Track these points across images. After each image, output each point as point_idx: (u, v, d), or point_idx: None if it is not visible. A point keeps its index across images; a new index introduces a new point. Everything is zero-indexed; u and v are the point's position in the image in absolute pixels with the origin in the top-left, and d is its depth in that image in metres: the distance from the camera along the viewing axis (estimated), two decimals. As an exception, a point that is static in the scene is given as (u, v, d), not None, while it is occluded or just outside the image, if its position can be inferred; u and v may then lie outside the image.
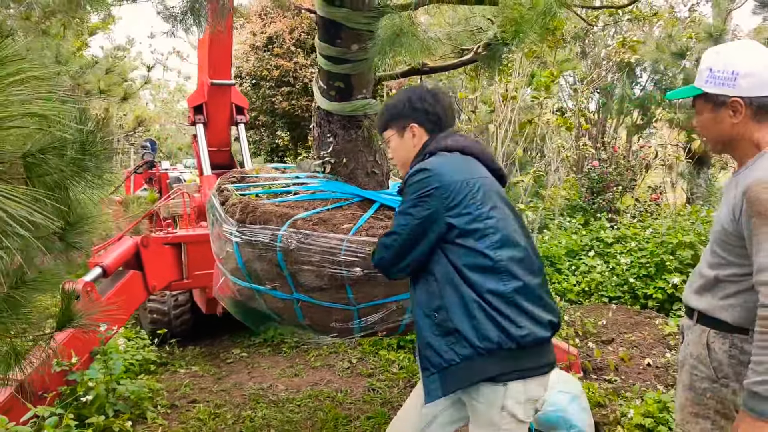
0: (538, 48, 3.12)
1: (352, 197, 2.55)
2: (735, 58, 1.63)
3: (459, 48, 2.68)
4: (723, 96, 1.63)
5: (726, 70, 1.62)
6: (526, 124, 5.61)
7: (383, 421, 3.28)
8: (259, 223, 2.28)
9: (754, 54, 1.63)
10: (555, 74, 5.62)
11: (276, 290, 2.34)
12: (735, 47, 1.68)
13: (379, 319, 2.34)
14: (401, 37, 2.07)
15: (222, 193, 2.58)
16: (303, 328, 2.52)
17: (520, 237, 1.78)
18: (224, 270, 2.53)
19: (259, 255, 2.29)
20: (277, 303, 2.38)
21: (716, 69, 1.64)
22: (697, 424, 1.78)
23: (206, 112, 5.40)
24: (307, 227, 2.24)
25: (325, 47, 2.45)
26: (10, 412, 2.61)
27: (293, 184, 2.71)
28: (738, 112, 1.62)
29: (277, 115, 11.53)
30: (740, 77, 1.60)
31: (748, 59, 1.62)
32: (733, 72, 1.61)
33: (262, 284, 2.35)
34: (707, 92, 1.66)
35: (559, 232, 7.28)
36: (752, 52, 1.64)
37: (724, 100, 1.63)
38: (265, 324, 3.28)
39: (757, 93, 1.60)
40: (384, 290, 2.26)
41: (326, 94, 2.56)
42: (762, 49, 1.66)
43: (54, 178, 1.09)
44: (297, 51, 11.09)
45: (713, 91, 1.65)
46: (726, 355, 1.68)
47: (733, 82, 1.61)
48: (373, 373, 4.07)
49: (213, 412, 3.46)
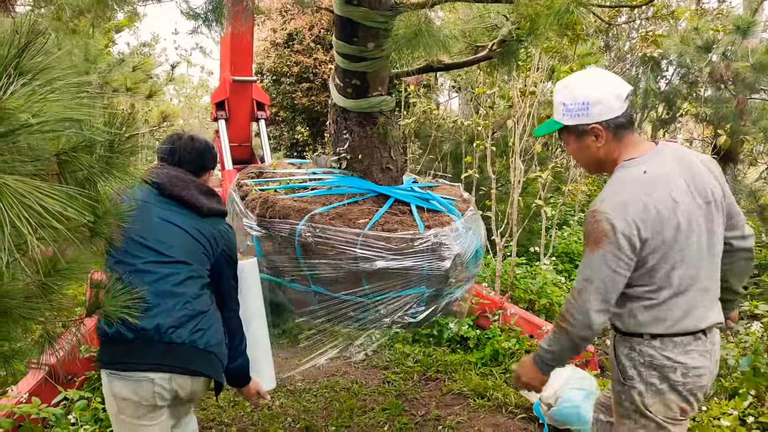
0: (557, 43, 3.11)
1: (367, 192, 2.61)
2: (582, 89, 1.75)
3: (474, 45, 2.71)
4: (581, 126, 1.76)
5: (576, 102, 1.74)
6: (544, 119, 5.58)
7: (397, 413, 3.34)
8: (278, 218, 2.36)
9: (599, 81, 1.75)
10: (576, 70, 5.58)
11: (294, 282, 2.41)
12: (580, 79, 1.80)
13: (394, 311, 2.39)
14: (418, 36, 2.11)
15: (242, 188, 2.66)
16: (320, 320, 2.59)
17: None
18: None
19: (278, 248, 2.36)
20: (296, 295, 2.45)
21: (568, 103, 1.76)
22: (623, 425, 1.85)
23: (228, 108, 5.51)
24: (325, 222, 2.30)
25: (342, 45, 2.50)
26: (42, 394, 2.74)
27: (310, 179, 2.78)
28: (600, 137, 1.75)
29: (297, 110, 11.64)
30: (591, 106, 1.72)
31: (594, 88, 1.74)
32: (584, 102, 1.73)
33: (281, 277, 2.43)
34: (567, 125, 1.79)
35: (579, 228, 7.23)
36: (596, 79, 1.76)
37: (584, 129, 1.76)
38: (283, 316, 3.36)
39: (610, 116, 1.72)
40: (399, 283, 2.31)
41: (342, 91, 2.62)
42: (604, 75, 1.78)
43: (84, 174, 1.17)
44: (317, 47, 11.18)
45: (572, 123, 1.77)
46: (627, 358, 1.78)
47: (586, 111, 1.73)
48: (388, 366, 4.14)
49: (232, 400, 3.56)
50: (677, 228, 1.65)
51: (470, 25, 2.72)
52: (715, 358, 1.81)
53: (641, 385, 1.76)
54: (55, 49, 0.96)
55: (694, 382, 1.73)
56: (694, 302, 1.71)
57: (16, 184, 0.72)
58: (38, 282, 1.20)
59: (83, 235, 1.26)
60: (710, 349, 1.77)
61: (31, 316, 1.19)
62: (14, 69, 0.78)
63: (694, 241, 1.69)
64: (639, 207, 1.63)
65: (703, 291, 1.73)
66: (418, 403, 3.55)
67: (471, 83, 7.63)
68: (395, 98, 2.70)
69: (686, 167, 1.73)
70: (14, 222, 0.70)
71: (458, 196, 2.99)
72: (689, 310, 1.71)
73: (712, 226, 1.74)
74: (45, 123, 0.76)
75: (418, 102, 7.47)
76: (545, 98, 6.11)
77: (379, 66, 2.49)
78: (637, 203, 1.63)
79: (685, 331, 1.71)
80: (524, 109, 5.20)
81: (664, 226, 1.64)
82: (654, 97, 9.20)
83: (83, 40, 4.96)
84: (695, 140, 8.95)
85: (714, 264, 1.77)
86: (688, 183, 1.70)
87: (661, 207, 1.64)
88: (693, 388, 1.74)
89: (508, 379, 3.77)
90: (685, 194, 1.68)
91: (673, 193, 1.66)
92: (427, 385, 3.82)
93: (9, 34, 0.88)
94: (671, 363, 1.71)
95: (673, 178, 1.69)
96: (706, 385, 1.78)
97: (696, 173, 1.73)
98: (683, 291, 1.69)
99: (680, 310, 1.70)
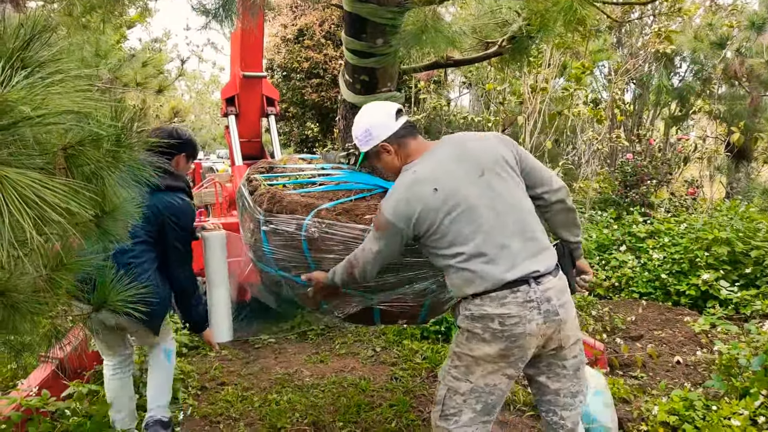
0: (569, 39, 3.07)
1: (374, 188, 2.60)
2: (362, 121, 2.18)
3: (484, 41, 2.68)
4: (373, 148, 2.16)
5: (360, 131, 2.18)
6: (555, 115, 5.53)
7: (405, 409, 3.34)
8: (285, 213, 2.36)
9: (371, 110, 2.19)
10: (587, 66, 5.52)
11: (300, 277, 2.41)
12: (360, 114, 2.23)
13: (398, 306, 2.39)
14: (425, 32, 2.10)
15: (251, 183, 2.66)
16: (326, 315, 2.59)
17: None
18: (253, 257, 2.62)
19: (285, 243, 2.37)
20: (302, 289, 2.45)
21: (357, 134, 2.19)
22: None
23: (238, 103, 5.51)
24: (331, 217, 2.30)
25: (351, 41, 2.49)
26: (51, 388, 2.77)
27: (318, 175, 2.77)
28: (389, 152, 2.14)
29: (307, 106, 11.66)
30: (372, 130, 2.14)
31: (369, 117, 2.17)
32: (366, 130, 2.15)
33: (288, 271, 2.43)
34: (366, 151, 2.20)
35: (590, 225, 7.17)
36: (369, 109, 2.20)
37: (377, 150, 2.16)
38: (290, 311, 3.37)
39: (389, 133, 2.12)
40: (403, 279, 2.30)
41: (351, 87, 2.61)
42: (374, 104, 2.22)
43: (91, 169, 1.17)
44: (327, 43, 11.17)
45: (367, 149, 2.19)
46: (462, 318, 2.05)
47: (370, 136, 2.15)
48: (396, 362, 4.13)
49: (241, 395, 3.58)
50: (444, 210, 1.95)
51: (481, 21, 2.69)
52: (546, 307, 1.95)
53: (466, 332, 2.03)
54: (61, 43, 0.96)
55: (511, 329, 1.93)
56: (496, 259, 1.93)
57: (17, 176, 0.72)
58: (45, 276, 1.20)
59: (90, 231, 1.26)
60: (535, 297, 1.93)
61: (39, 311, 1.19)
62: (19, 61, 0.78)
63: (469, 210, 1.96)
64: (403, 203, 1.98)
65: (501, 247, 1.94)
66: (426, 399, 3.54)
67: (482, 79, 7.59)
68: (404, 94, 2.69)
69: (460, 152, 2.05)
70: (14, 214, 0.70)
71: None
72: (491, 268, 1.93)
73: (501, 188, 2.00)
74: (46, 115, 0.76)
75: (429, 98, 7.44)
76: (556, 94, 6.06)
77: (387, 62, 2.48)
78: (401, 201, 1.99)
79: (494, 287, 1.92)
80: (535, 105, 5.16)
81: (429, 212, 1.96)
82: (667, 94, 9.09)
83: (94, 35, 4.99)
84: (708, 137, 8.83)
85: (510, 220, 1.98)
86: (458, 164, 2.01)
87: (423, 197, 1.97)
88: (511, 335, 1.94)
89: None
90: (451, 176, 1.99)
91: (435, 184, 1.97)
92: (435, 381, 3.81)
93: (15, 27, 0.88)
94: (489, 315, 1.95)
95: (437, 170, 2.01)
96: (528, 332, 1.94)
97: (469, 152, 2.05)
98: (479, 253, 1.93)
99: (481, 269, 1.93)
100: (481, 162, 2.02)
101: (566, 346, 2.05)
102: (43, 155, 1.00)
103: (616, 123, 8.29)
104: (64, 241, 1.14)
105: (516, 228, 1.98)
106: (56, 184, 0.79)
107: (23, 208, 0.71)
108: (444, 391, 2.10)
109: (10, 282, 1.13)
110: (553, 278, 1.99)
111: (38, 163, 0.96)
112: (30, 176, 0.74)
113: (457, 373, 2.06)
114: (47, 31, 0.91)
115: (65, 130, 1.05)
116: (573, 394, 2.12)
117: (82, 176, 1.14)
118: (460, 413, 2.05)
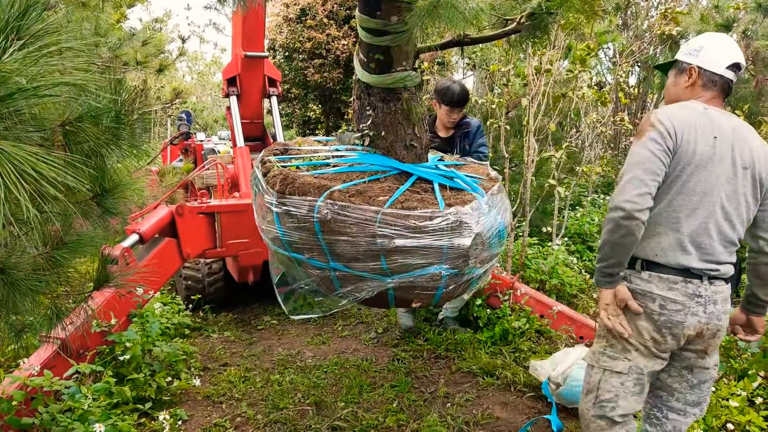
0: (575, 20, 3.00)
1: (389, 170, 2.57)
2: (710, 38, 2.05)
3: (503, 18, 2.61)
4: (686, 64, 2.06)
5: (698, 43, 2.06)
6: (559, 97, 5.47)
7: (406, 390, 3.36)
8: (297, 194, 2.33)
9: (724, 44, 2.04)
10: (592, 47, 5.44)
11: (313, 259, 2.39)
12: (717, 35, 2.10)
13: (413, 290, 2.38)
14: (438, 7, 2.03)
15: (265, 165, 2.64)
16: (339, 297, 2.57)
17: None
18: (266, 239, 2.61)
19: (297, 225, 2.34)
20: (315, 271, 2.44)
21: (692, 43, 2.09)
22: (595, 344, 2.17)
23: (239, 84, 5.45)
24: (344, 199, 2.28)
25: (365, 19, 2.43)
26: (54, 368, 2.78)
27: (332, 156, 2.74)
28: (690, 78, 2.04)
29: (309, 87, 11.55)
30: (704, 53, 2.02)
31: (717, 44, 2.03)
32: (702, 47, 2.04)
33: (301, 253, 2.42)
34: (676, 61, 2.09)
35: (592, 209, 7.15)
36: (724, 42, 2.05)
37: (685, 68, 2.06)
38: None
39: (710, 67, 2.00)
40: (418, 262, 2.29)
41: (366, 66, 2.55)
42: (731, 45, 2.05)
43: (90, 146, 1.14)
44: (329, 23, 11.03)
45: (683, 59, 2.07)
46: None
47: (697, 54, 2.04)
48: (398, 344, 4.15)
49: (243, 376, 3.60)
50: (708, 154, 1.87)
51: (500, -3, 2.61)
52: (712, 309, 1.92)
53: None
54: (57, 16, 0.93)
55: (669, 316, 1.91)
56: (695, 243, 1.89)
57: (13, 149, 0.70)
58: (45, 254, 1.19)
59: (90, 209, 1.24)
60: (706, 295, 1.90)
61: (39, 289, 1.17)
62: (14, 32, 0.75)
63: (716, 173, 1.88)
64: (684, 120, 1.87)
65: (705, 231, 1.89)
66: (428, 380, 3.56)
67: (486, 61, 7.49)
68: (419, 74, 2.63)
69: (738, 135, 1.93)
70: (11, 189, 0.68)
71: (485, 175, 2.95)
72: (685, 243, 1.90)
73: (743, 189, 1.92)
74: (41, 87, 0.74)
75: (432, 79, 7.36)
76: (561, 77, 5.98)
77: (402, 40, 2.40)
78: (683, 117, 1.88)
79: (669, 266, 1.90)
80: (539, 87, 5.09)
81: (698, 145, 1.86)
82: (673, 77, 8.97)
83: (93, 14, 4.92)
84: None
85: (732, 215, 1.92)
86: (732, 143, 1.90)
87: (702, 131, 1.87)
88: (667, 322, 1.91)
89: (518, 357, 3.77)
90: (725, 144, 1.89)
91: (715, 132, 1.88)
92: (437, 363, 3.82)
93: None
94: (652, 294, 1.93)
95: (723, 128, 1.91)
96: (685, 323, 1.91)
97: (744, 140, 1.93)
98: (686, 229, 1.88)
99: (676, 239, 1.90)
100: (752, 157, 1.95)
101: (710, 354, 2.05)
102: (41, 131, 0.98)
103: (620, 106, 8.20)
104: (65, 219, 1.12)
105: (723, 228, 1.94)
106: (54, 158, 0.77)
107: (19, 182, 0.69)
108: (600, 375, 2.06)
109: (9, 260, 1.12)
110: (725, 285, 1.99)
111: (35, 138, 0.94)
112: (27, 149, 0.72)
113: (614, 352, 2.03)
114: (42, 2, 0.88)
115: (63, 105, 1.03)
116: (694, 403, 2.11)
117: (81, 153, 1.11)
118: (617, 398, 2.01)
